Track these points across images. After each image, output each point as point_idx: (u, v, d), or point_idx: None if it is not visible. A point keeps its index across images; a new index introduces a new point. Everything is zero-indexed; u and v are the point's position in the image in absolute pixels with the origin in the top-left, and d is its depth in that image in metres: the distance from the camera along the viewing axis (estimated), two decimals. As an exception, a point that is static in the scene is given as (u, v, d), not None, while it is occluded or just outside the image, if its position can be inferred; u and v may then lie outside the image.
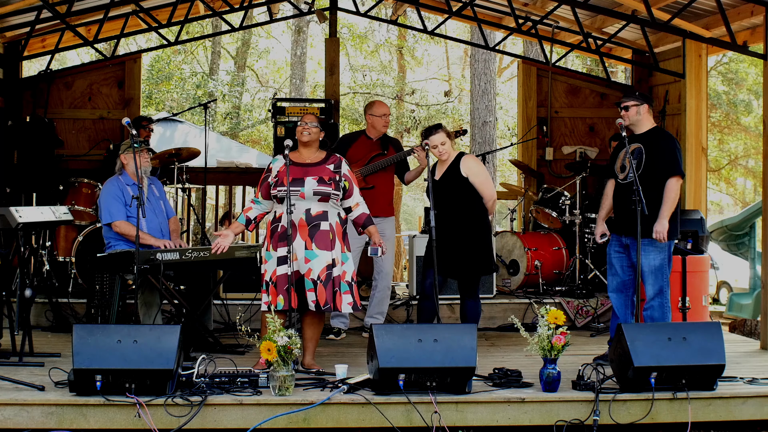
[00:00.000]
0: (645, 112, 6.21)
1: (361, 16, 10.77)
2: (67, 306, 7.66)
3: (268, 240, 5.81)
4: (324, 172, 5.80)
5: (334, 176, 5.82)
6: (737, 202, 24.20)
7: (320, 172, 5.80)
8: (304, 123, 5.85)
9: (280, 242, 5.71)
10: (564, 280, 8.87)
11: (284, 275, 5.64)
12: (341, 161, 5.92)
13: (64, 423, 4.90)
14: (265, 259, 5.81)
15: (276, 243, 5.73)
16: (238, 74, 22.39)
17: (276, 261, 5.72)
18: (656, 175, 6.04)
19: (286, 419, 4.95)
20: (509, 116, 21.46)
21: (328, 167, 5.84)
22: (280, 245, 5.71)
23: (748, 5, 7.57)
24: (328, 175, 5.80)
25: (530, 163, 10.10)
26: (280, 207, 5.79)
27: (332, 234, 5.78)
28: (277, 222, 5.78)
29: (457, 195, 6.34)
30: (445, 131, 6.31)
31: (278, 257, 5.71)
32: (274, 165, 5.88)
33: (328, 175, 5.80)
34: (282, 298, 5.65)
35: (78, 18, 9.03)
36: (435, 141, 6.25)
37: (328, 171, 5.82)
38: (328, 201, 5.79)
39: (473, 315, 6.45)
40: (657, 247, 6.04)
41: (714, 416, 5.24)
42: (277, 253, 5.72)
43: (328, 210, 5.80)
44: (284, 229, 5.67)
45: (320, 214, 5.75)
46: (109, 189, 6.42)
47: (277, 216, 5.81)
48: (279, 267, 5.70)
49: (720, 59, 19.99)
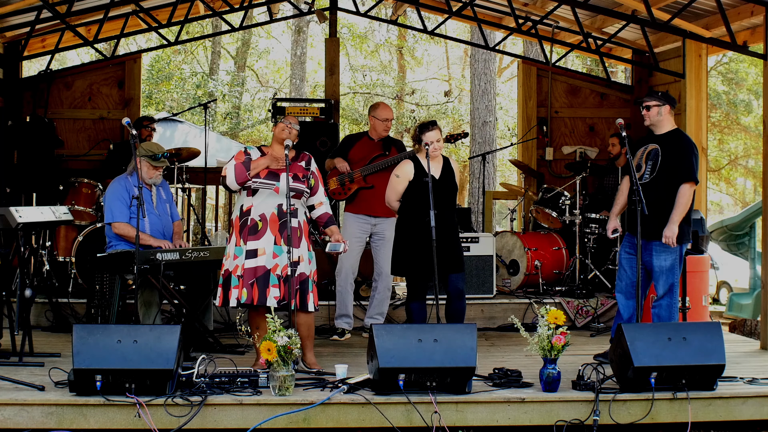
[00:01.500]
0: (666, 113, 6.18)
1: (361, 16, 10.77)
2: (67, 306, 7.66)
3: (237, 234, 5.78)
4: (297, 169, 5.87)
5: (306, 173, 5.90)
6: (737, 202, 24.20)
7: (294, 169, 5.85)
8: (287, 122, 5.87)
9: (249, 236, 5.71)
10: (564, 280, 8.87)
11: (251, 269, 5.64)
12: (311, 158, 6.01)
13: (64, 423, 4.90)
14: (234, 255, 5.74)
15: (246, 237, 5.73)
16: (238, 74, 22.40)
17: (245, 254, 5.71)
18: (670, 179, 6.03)
19: (286, 419, 4.95)
20: (509, 116, 21.46)
21: (300, 164, 5.91)
22: (249, 239, 5.71)
23: (748, 5, 7.57)
24: (302, 173, 5.88)
25: (530, 163, 10.10)
26: (248, 200, 5.79)
27: (300, 231, 5.80)
28: (246, 216, 5.77)
29: (452, 194, 6.47)
30: (439, 128, 6.35)
31: (247, 251, 5.71)
32: (251, 152, 5.86)
33: (301, 172, 5.88)
34: (246, 292, 5.65)
35: (78, 18, 9.04)
36: (433, 137, 6.26)
37: (301, 168, 5.90)
38: (300, 198, 5.85)
39: (461, 316, 6.41)
40: (668, 248, 6.05)
41: (714, 416, 5.24)
42: (246, 247, 5.72)
43: (298, 207, 5.83)
44: (254, 223, 5.70)
45: (292, 211, 5.76)
46: (115, 189, 6.42)
47: (244, 209, 5.79)
48: (247, 260, 5.68)
49: (720, 59, 20.00)
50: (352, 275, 7.43)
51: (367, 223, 7.36)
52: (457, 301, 6.39)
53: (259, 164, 5.75)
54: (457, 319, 6.36)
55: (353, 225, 7.36)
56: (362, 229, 7.38)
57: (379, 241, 7.40)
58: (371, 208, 7.32)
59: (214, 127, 20.53)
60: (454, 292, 6.38)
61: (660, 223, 6.00)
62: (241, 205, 5.83)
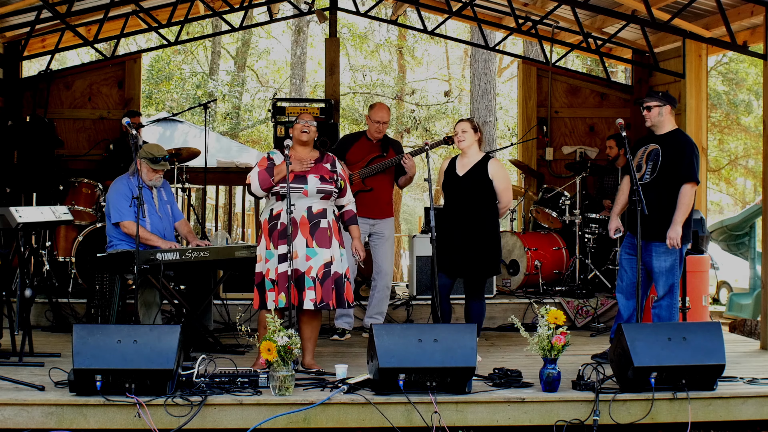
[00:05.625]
0: (667, 113, 6.18)
1: (361, 16, 10.78)
2: (67, 306, 7.65)
3: (266, 238, 5.79)
4: (323, 171, 5.85)
5: (332, 175, 5.88)
6: (737, 202, 24.19)
7: (319, 170, 5.84)
8: (303, 121, 5.86)
9: (280, 240, 5.70)
10: (564, 280, 8.87)
11: (285, 273, 5.63)
12: (335, 160, 5.99)
13: (64, 423, 4.90)
14: (266, 258, 5.77)
15: (276, 241, 5.72)
16: (238, 74, 22.39)
17: (277, 259, 5.71)
18: (671, 180, 6.03)
19: (286, 419, 4.95)
20: (509, 116, 21.46)
21: (325, 166, 5.89)
22: (280, 243, 5.69)
23: (748, 5, 7.57)
24: (328, 174, 5.86)
25: (530, 163, 10.10)
26: (278, 204, 5.78)
27: (330, 232, 5.80)
28: (276, 219, 5.77)
29: (478, 194, 6.45)
30: (472, 124, 6.52)
31: (279, 255, 5.70)
32: (274, 157, 5.85)
33: (327, 173, 5.86)
34: (284, 296, 5.64)
35: (78, 18, 9.04)
36: (459, 127, 6.49)
37: (326, 170, 5.88)
38: (329, 199, 5.84)
39: (479, 315, 6.49)
40: (668, 249, 6.05)
41: (714, 416, 5.24)
42: (278, 251, 5.71)
43: (327, 208, 5.83)
44: (284, 227, 5.67)
45: (321, 212, 5.77)
46: (119, 188, 6.40)
47: (274, 213, 5.79)
48: (280, 264, 5.68)
49: (720, 59, 19.99)
50: (353, 275, 7.42)
51: (365, 224, 7.36)
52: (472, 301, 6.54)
53: (282, 169, 5.71)
54: (472, 318, 6.47)
55: (352, 226, 7.36)
56: (361, 230, 7.35)
57: (378, 240, 7.40)
58: (370, 210, 7.30)
59: (214, 127, 20.53)
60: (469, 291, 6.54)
61: (660, 224, 6.00)
62: (271, 208, 5.81)
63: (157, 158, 6.41)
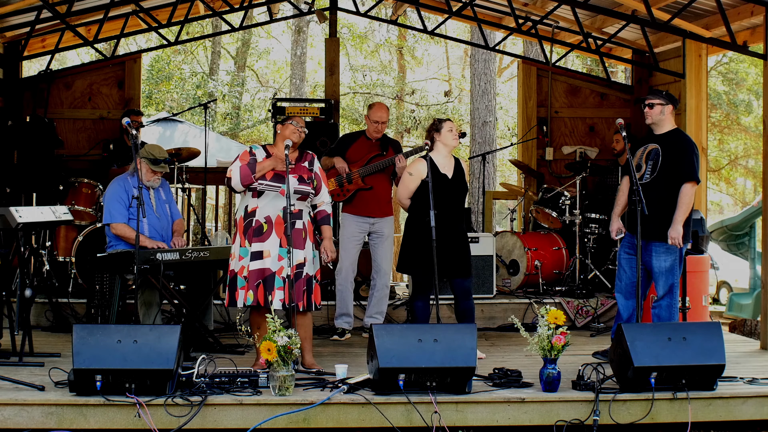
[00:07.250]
0: (669, 113, 6.19)
1: (361, 16, 10.78)
2: (67, 306, 7.66)
3: (241, 236, 5.77)
4: (302, 171, 5.87)
5: (310, 174, 5.91)
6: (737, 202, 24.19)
7: (299, 170, 5.86)
8: (298, 125, 5.87)
9: (254, 237, 5.71)
10: (564, 280, 8.87)
11: (256, 270, 5.65)
12: (314, 158, 6.01)
13: (64, 423, 4.90)
14: (240, 256, 5.75)
15: (251, 238, 5.73)
16: (238, 74, 22.39)
17: (251, 256, 5.71)
18: (671, 179, 6.03)
19: (286, 419, 4.95)
20: (509, 116, 21.46)
21: (304, 165, 5.91)
22: (254, 240, 5.71)
23: (748, 5, 7.57)
24: (306, 174, 5.88)
25: (530, 163, 10.10)
26: (253, 201, 5.78)
27: (305, 233, 5.81)
28: (251, 217, 5.77)
29: (462, 195, 6.53)
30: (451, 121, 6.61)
31: (252, 252, 5.70)
32: (257, 152, 5.86)
33: (306, 174, 5.88)
34: (252, 294, 5.66)
35: (78, 18, 9.04)
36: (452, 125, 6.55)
37: (305, 169, 5.90)
38: (305, 200, 5.85)
39: (471, 315, 6.47)
40: (668, 249, 6.05)
41: (714, 416, 5.24)
42: (251, 248, 5.71)
43: (303, 209, 5.84)
44: (259, 224, 5.70)
45: (297, 213, 5.77)
46: (114, 189, 6.41)
47: (249, 211, 5.79)
48: (252, 262, 5.68)
49: (720, 59, 19.99)
50: (352, 274, 7.42)
51: (365, 223, 7.36)
52: (463, 300, 6.46)
53: (264, 166, 5.73)
54: (466, 318, 6.40)
55: (352, 226, 7.36)
56: (361, 229, 7.38)
57: (377, 239, 7.40)
58: (369, 209, 7.31)
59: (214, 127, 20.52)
60: (460, 292, 6.45)
61: (660, 224, 6.00)
62: (246, 205, 5.82)
63: (157, 159, 6.42)
